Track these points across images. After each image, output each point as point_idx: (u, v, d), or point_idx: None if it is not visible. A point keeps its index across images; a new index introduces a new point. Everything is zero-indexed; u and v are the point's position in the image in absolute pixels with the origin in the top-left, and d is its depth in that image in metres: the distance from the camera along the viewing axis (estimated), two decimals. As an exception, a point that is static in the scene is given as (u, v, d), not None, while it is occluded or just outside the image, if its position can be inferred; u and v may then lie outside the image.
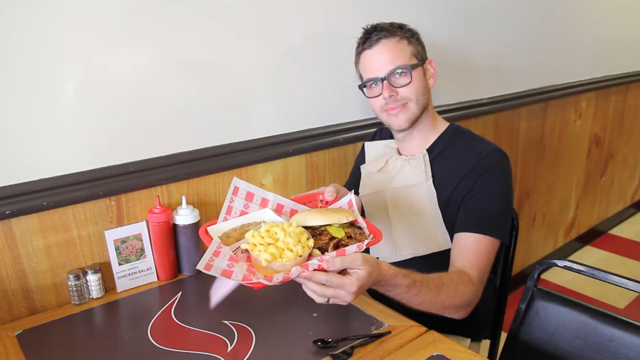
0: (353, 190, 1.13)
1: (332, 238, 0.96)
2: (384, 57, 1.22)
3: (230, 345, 1.01)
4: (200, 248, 1.32)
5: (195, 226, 1.29)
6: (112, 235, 1.23)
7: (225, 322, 1.09)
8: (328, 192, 1.14)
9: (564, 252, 2.99)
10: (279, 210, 1.05)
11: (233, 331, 1.06)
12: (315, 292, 0.89)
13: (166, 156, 1.30)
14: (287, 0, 1.42)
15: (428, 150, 1.30)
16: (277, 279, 0.83)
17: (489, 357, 1.45)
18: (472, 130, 1.34)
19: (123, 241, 1.24)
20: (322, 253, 0.91)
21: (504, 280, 1.43)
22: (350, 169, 1.61)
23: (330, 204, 1.12)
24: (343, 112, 1.64)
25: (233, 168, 1.42)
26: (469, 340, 1.36)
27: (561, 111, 2.59)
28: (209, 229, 0.99)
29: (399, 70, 1.22)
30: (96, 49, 1.14)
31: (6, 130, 1.07)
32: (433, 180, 1.26)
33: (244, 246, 0.91)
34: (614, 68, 2.90)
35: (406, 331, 1.06)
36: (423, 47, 1.29)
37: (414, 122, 1.27)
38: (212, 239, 0.92)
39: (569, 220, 2.97)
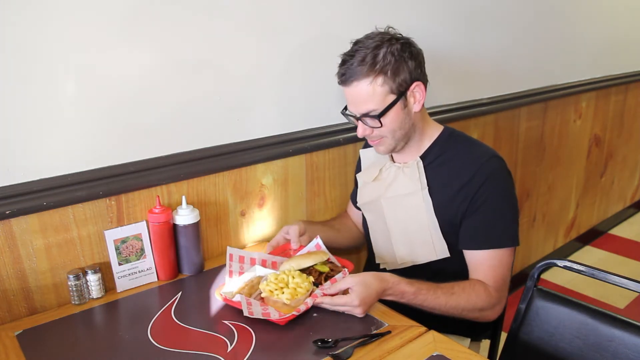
0: (318, 236, 1.31)
1: (321, 273, 1.20)
2: (355, 99, 1.18)
3: (230, 345, 1.01)
4: (200, 248, 1.32)
5: (196, 226, 1.29)
6: (112, 235, 1.22)
7: (225, 322, 1.09)
8: (293, 242, 1.30)
9: (564, 252, 2.99)
10: (264, 263, 1.28)
11: (233, 331, 1.06)
12: (330, 307, 1.10)
13: (166, 156, 1.30)
14: (288, 0, 1.42)
15: (422, 156, 1.27)
16: (302, 309, 1.08)
17: (489, 357, 1.45)
18: (466, 134, 1.32)
19: (123, 241, 1.24)
20: (317, 286, 1.15)
21: (504, 280, 1.43)
22: (350, 169, 1.62)
23: (299, 250, 1.31)
24: (343, 112, 1.64)
25: (233, 168, 1.42)
26: (468, 340, 1.36)
27: (561, 111, 2.59)
28: (222, 292, 1.17)
29: (370, 115, 1.18)
30: (96, 49, 1.14)
31: (6, 130, 1.07)
32: (429, 189, 1.24)
33: (264, 294, 1.12)
34: (614, 68, 2.90)
35: (406, 331, 1.06)
36: (409, 69, 1.16)
37: (394, 149, 1.26)
38: (225, 298, 1.14)
39: (569, 220, 2.97)
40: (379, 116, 1.16)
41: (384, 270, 1.34)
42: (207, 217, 1.40)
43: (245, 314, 1.05)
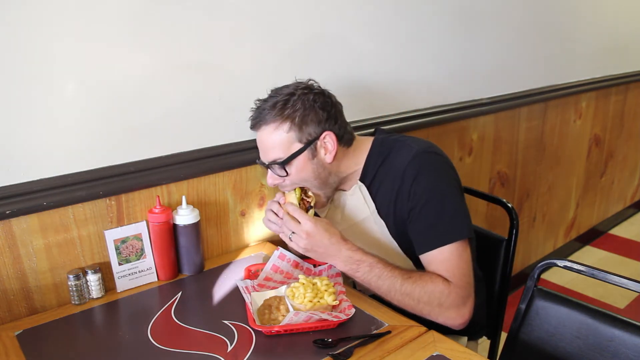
0: (279, 247, 1.27)
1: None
2: (263, 145, 1.16)
3: (230, 345, 1.01)
4: (200, 248, 1.32)
5: (195, 226, 1.29)
6: (112, 235, 1.22)
7: (225, 322, 1.10)
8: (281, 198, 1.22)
9: (564, 252, 2.99)
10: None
11: (233, 331, 1.06)
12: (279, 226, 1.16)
13: (166, 156, 1.30)
14: (287, 0, 1.42)
15: (361, 179, 1.23)
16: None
17: (489, 357, 1.46)
18: (397, 134, 1.27)
19: (123, 241, 1.24)
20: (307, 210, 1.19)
21: (504, 280, 1.43)
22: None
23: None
24: (343, 112, 1.64)
25: (233, 168, 1.42)
26: (465, 338, 1.36)
27: (561, 111, 2.59)
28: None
29: (277, 162, 1.15)
30: (96, 49, 1.14)
31: (6, 130, 1.07)
32: (378, 211, 1.20)
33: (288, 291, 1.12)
34: (614, 68, 2.90)
35: (406, 331, 1.06)
36: (319, 119, 1.14)
37: (326, 195, 1.23)
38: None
39: (569, 220, 2.97)
40: (284, 164, 1.14)
41: (360, 292, 1.27)
42: (207, 217, 1.40)
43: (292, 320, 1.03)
